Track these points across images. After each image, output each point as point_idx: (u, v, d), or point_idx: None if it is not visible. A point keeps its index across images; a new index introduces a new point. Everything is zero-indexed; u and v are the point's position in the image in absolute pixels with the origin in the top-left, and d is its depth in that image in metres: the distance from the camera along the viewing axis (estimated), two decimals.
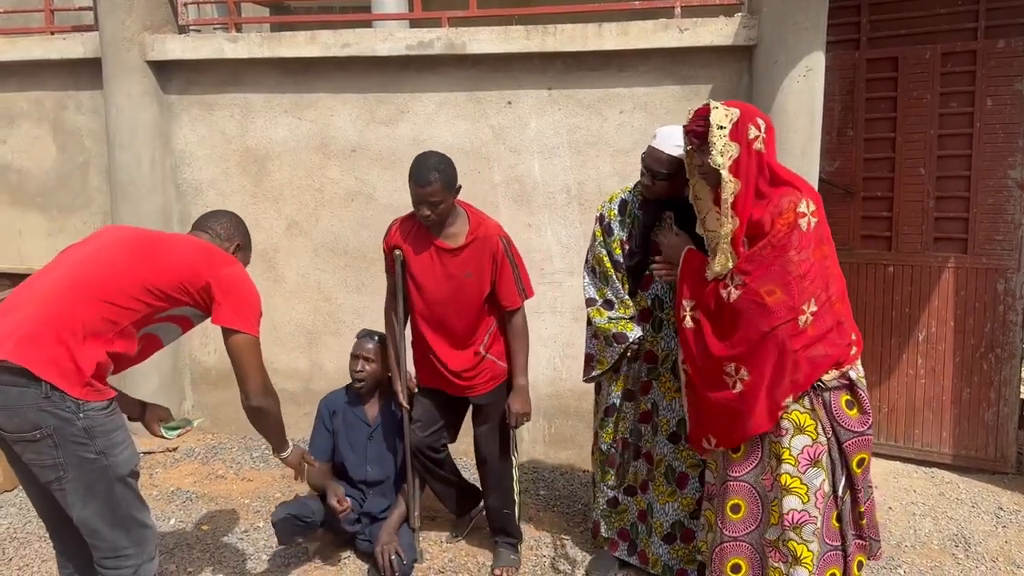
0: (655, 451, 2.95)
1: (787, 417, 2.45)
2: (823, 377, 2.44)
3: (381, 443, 3.29)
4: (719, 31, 3.65)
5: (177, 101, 4.42)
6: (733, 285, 2.43)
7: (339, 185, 4.27)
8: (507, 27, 3.89)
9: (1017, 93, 3.76)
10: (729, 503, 2.57)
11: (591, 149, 3.94)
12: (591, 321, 2.94)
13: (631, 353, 2.89)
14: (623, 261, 2.89)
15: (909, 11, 3.91)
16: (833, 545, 2.54)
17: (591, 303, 2.94)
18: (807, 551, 2.44)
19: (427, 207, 2.81)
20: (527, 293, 3.02)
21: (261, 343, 2.40)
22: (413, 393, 3.17)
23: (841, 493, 2.52)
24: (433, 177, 2.76)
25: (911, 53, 3.92)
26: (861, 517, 2.56)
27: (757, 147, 2.39)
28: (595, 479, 3.17)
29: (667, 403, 2.89)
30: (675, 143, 2.65)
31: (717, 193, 2.45)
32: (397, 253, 2.99)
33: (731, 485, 2.56)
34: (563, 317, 4.08)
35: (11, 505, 3.76)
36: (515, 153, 4.03)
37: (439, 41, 3.93)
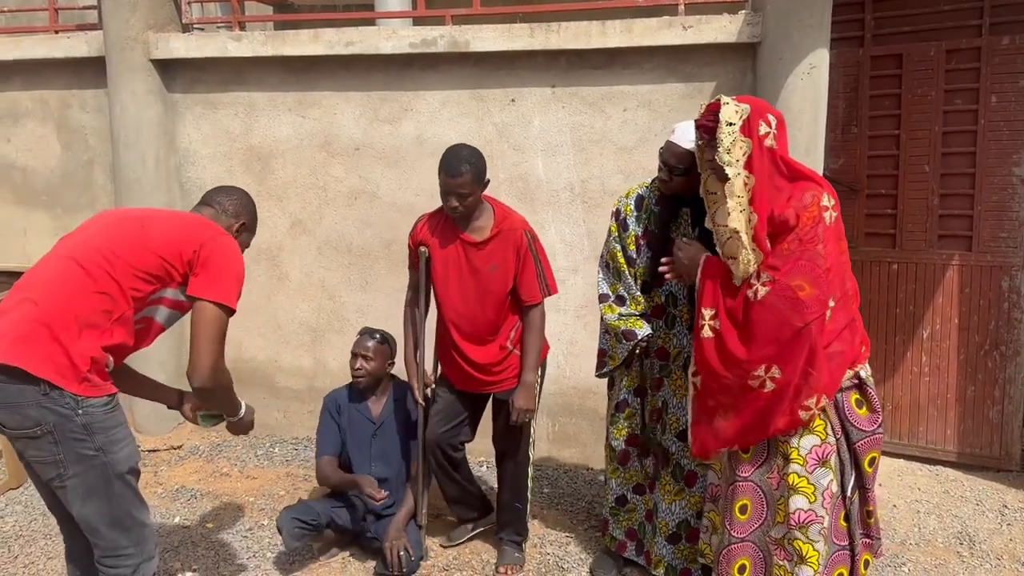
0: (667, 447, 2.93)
1: None
2: None
3: (385, 440, 3.30)
4: (723, 28, 3.65)
5: (181, 100, 4.43)
6: (760, 283, 2.37)
7: (343, 183, 4.27)
8: (511, 25, 3.88)
9: (1022, 90, 3.75)
10: (737, 504, 2.55)
11: (595, 147, 3.94)
12: (603, 317, 2.94)
13: (641, 349, 2.89)
14: (636, 257, 2.89)
15: (913, 8, 3.90)
16: (841, 545, 2.53)
17: (604, 299, 2.94)
18: (812, 551, 2.44)
19: (456, 198, 2.82)
20: (550, 290, 3.00)
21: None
22: (431, 389, 3.17)
23: (850, 493, 2.51)
24: (464, 169, 2.78)
25: (915, 50, 3.91)
26: (869, 516, 2.55)
27: (768, 143, 2.36)
28: (606, 475, 3.17)
29: (677, 400, 2.87)
30: (693, 138, 2.63)
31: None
32: (422, 250, 3.01)
33: (739, 486, 2.54)
34: (566, 315, 4.08)
35: (17, 503, 3.77)
36: (518, 151, 4.03)
37: (443, 39, 3.93)
